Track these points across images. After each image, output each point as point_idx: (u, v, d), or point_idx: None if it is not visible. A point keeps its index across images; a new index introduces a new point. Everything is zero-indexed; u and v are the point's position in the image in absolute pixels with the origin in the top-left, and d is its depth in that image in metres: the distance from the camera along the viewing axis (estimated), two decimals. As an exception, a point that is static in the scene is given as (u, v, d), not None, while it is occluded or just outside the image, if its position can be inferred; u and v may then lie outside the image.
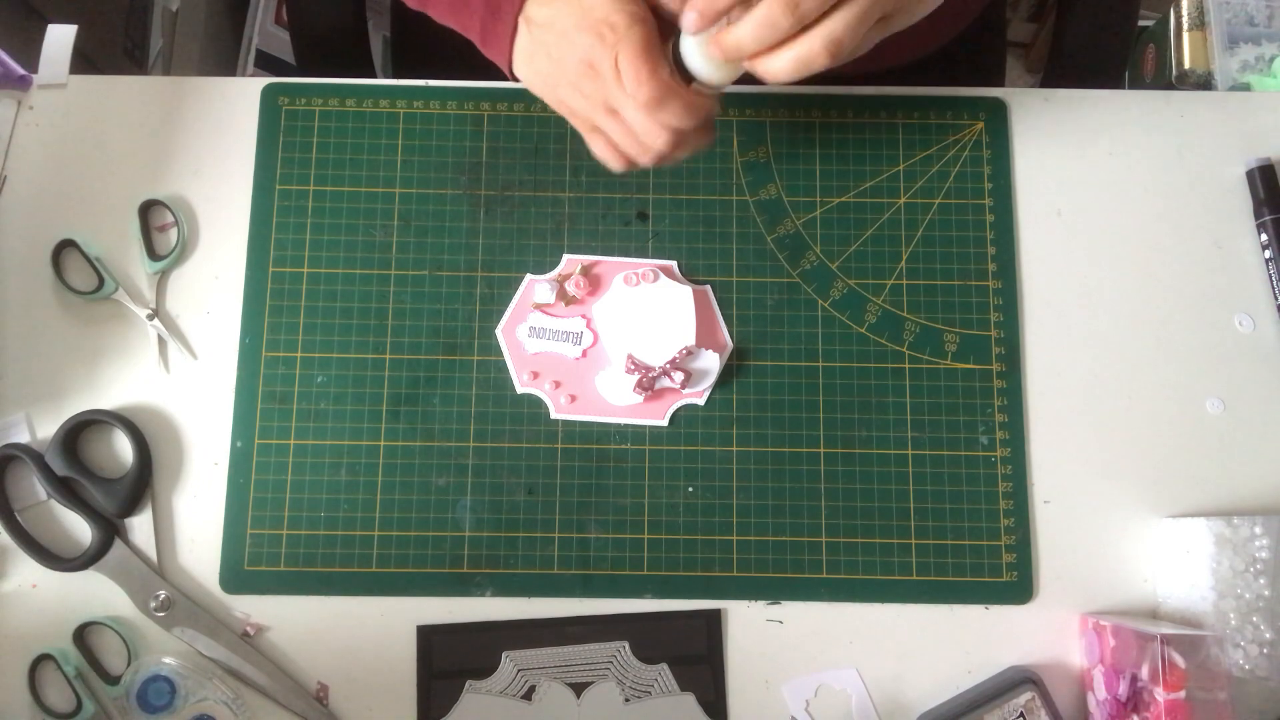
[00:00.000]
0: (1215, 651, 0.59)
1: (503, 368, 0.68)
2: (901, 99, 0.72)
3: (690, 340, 0.67)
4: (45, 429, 0.67)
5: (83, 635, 0.64)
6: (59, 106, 0.72)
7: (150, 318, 0.68)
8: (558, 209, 0.70)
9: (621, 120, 0.56)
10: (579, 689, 0.64)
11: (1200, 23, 1.15)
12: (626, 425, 0.67)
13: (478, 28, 0.60)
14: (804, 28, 0.50)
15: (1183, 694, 0.57)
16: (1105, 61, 0.85)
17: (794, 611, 0.65)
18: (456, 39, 0.72)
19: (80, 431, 0.67)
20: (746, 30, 0.50)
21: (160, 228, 0.70)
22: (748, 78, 0.54)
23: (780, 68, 0.51)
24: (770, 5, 0.49)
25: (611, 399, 0.67)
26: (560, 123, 0.72)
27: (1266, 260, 0.70)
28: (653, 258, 0.69)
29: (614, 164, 0.58)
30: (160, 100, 0.72)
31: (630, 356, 0.67)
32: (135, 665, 0.63)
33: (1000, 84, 0.88)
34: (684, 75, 0.55)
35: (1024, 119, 0.72)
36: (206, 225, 0.70)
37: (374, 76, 0.94)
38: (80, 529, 0.66)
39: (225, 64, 1.29)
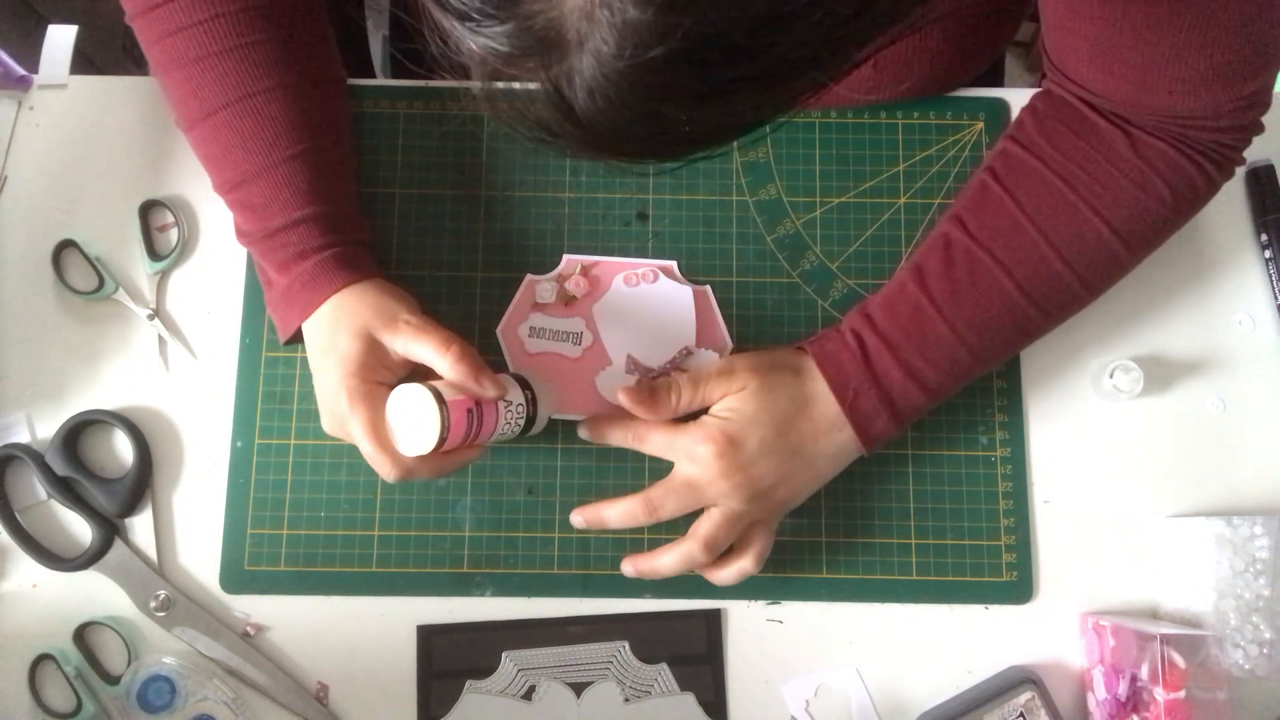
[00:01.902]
0: (1215, 651, 0.59)
1: (503, 368, 0.67)
2: (902, 101, 0.72)
3: (690, 340, 0.67)
4: (45, 429, 0.67)
5: (83, 635, 0.64)
6: (59, 106, 0.72)
7: (150, 318, 0.68)
8: (558, 209, 0.70)
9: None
10: (579, 689, 0.64)
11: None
12: (626, 425, 0.67)
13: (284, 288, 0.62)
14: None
15: (1183, 694, 0.57)
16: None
17: (794, 611, 0.65)
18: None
19: (80, 431, 0.67)
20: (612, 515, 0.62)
21: (160, 228, 0.70)
22: None
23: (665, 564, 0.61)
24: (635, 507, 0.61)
25: (611, 399, 0.67)
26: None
27: (1266, 260, 0.70)
28: (653, 258, 0.69)
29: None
30: (160, 100, 0.72)
31: (630, 357, 0.67)
32: (135, 665, 0.63)
33: (1000, 84, 0.88)
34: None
35: (1024, 119, 0.72)
36: (206, 225, 0.70)
37: (374, 76, 0.94)
38: (80, 529, 0.66)
39: (225, 64, 1.28)
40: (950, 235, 0.62)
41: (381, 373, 0.59)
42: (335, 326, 0.59)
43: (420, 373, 0.59)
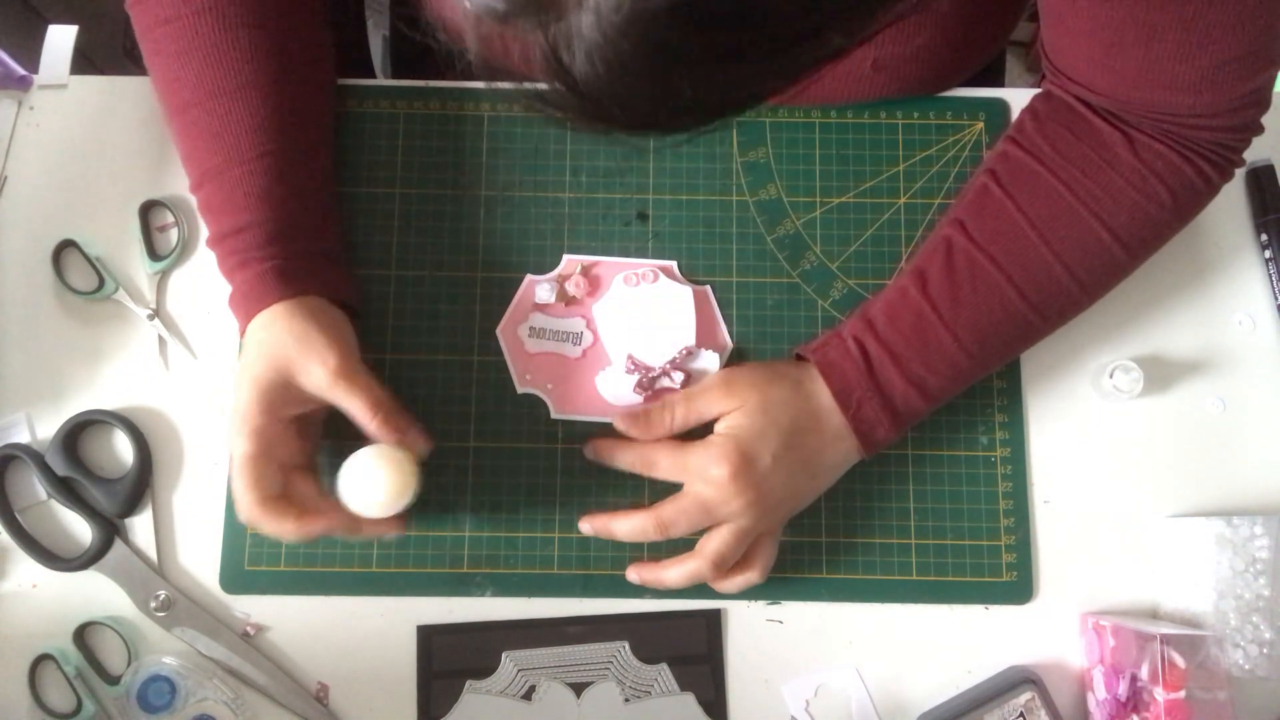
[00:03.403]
0: (1215, 651, 0.59)
1: (503, 368, 0.67)
2: (901, 99, 0.72)
3: (690, 340, 0.67)
4: (45, 429, 0.67)
5: (83, 635, 0.64)
6: (59, 106, 0.72)
7: (150, 318, 0.68)
8: (558, 209, 0.70)
9: None
10: (579, 689, 0.64)
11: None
12: (626, 425, 0.67)
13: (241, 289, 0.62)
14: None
15: (1183, 694, 0.57)
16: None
17: (794, 611, 0.65)
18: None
19: (80, 431, 0.67)
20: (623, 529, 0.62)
21: (160, 228, 0.70)
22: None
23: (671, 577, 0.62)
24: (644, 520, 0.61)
25: (611, 399, 0.67)
26: (561, 123, 0.72)
27: (1266, 260, 0.70)
28: (653, 258, 0.69)
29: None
30: (160, 100, 0.72)
31: (630, 356, 0.67)
32: (135, 665, 0.63)
33: (1000, 84, 0.88)
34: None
35: (1024, 119, 0.72)
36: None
37: (374, 76, 0.94)
38: (80, 529, 0.66)
39: (225, 64, 1.28)
40: (951, 239, 0.62)
41: (289, 406, 0.59)
42: (259, 348, 0.59)
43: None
